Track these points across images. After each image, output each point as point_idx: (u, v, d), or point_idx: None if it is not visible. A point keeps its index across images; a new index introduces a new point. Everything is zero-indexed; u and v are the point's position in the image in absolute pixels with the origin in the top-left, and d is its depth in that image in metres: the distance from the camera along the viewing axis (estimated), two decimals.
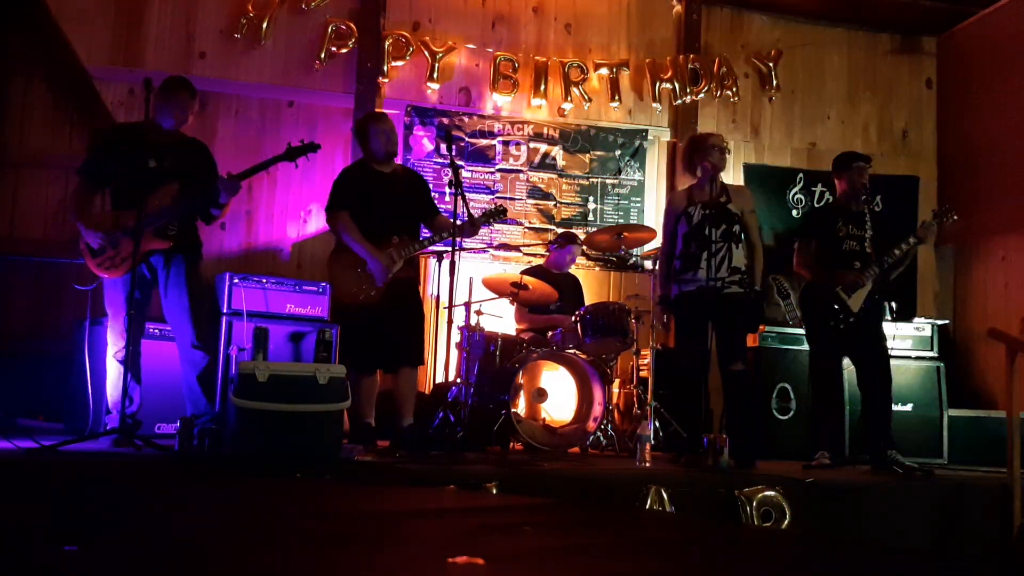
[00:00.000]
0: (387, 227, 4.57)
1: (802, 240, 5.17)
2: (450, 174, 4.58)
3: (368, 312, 4.53)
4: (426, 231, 4.85)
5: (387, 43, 6.22)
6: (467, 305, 5.27)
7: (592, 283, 6.49)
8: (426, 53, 6.27)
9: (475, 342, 5.13)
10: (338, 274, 4.63)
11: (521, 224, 6.45)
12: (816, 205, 6.80)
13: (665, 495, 3.75)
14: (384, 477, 3.78)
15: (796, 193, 6.86)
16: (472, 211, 4.73)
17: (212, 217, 4.43)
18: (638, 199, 6.69)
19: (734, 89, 6.72)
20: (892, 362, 4.96)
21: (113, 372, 4.28)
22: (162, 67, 5.84)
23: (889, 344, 5.06)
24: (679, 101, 6.66)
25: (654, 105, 6.67)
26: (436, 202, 5.10)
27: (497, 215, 4.85)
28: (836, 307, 4.86)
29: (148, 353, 4.56)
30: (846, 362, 5.05)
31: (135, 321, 4.28)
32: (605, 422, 5.16)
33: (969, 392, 6.36)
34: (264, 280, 5.22)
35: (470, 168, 6.37)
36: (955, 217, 5.03)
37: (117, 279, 4.23)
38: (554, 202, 6.55)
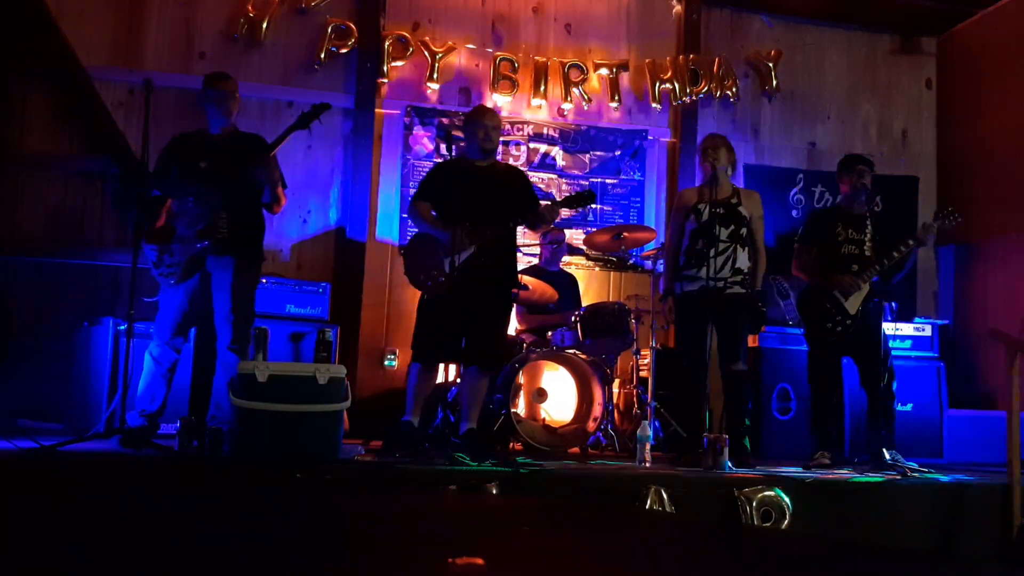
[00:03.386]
0: (466, 218, 4.32)
1: (802, 245, 5.17)
2: None
3: (439, 303, 4.33)
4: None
5: (387, 43, 6.22)
6: None
7: (592, 283, 6.49)
8: (426, 53, 6.27)
9: None
10: (410, 262, 4.44)
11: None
12: (816, 206, 6.80)
13: (665, 495, 3.75)
14: (384, 477, 3.78)
15: (796, 193, 6.86)
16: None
17: (269, 205, 4.39)
18: (638, 199, 6.69)
19: (734, 89, 6.71)
20: (894, 363, 4.95)
21: (145, 370, 4.30)
22: (162, 67, 5.86)
23: (890, 345, 5.05)
24: (679, 101, 6.65)
25: (654, 105, 6.67)
26: None
27: (583, 201, 4.46)
28: (833, 310, 4.86)
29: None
30: (847, 361, 5.05)
31: (180, 326, 4.28)
32: (605, 422, 5.16)
33: (969, 392, 6.35)
34: (264, 280, 5.22)
35: None
36: (958, 218, 4.93)
37: (170, 289, 4.26)
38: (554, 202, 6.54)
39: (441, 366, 5.30)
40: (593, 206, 6.33)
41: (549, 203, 4.51)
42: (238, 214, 4.27)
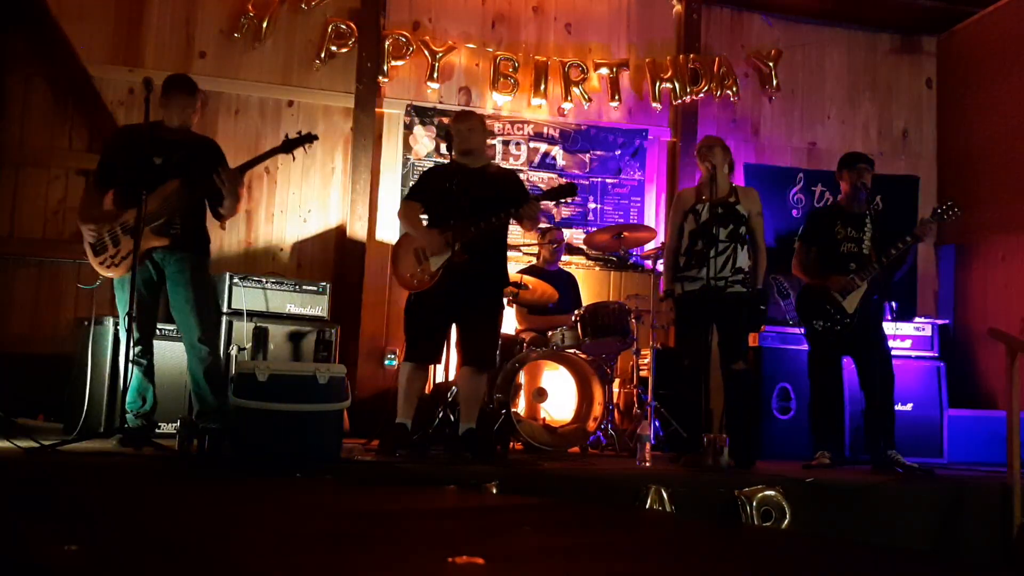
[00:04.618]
0: (452, 218, 4.35)
1: (802, 244, 5.17)
2: None
3: (425, 301, 4.37)
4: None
5: (387, 43, 6.23)
6: None
7: (592, 283, 6.49)
8: (426, 53, 6.27)
9: None
10: (397, 261, 4.50)
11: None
12: (816, 205, 6.80)
13: (665, 495, 3.75)
14: (384, 477, 3.78)
15: (796, 193, 6.86)
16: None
17: (220, 214, 4.36)
18: (638, 199, 6.69)
19: (734, 89, 6.72)
20: (893, 362, 4.95)
21: (129, 374, 4.29)
22: (162, 67, 5.85)
23: (889, 344, 5.05)
24: (679, 101, 6.66)
25: (654, 105, 6.67)
26: None
27: (564, 193, 4.40)
28: (831, 309, 4.86)
29: None
30: (847, 361, 5.05)
31: (144, 322, 4.29)
32: (605, 422, 5.16)
33: (969, 392, 6.36)
34: (264, 280, 5.23)
35: None
36: (958, 212, 4.88)
37: (124, 279, 4.20)
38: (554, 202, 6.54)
39: (441, 368, 5.30)
40: (576, 199, 6.28)
41: (531, 197, 4.51)
42: (188, 210, 4.27)
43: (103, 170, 4.38)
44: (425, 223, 4.50)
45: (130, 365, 4.19)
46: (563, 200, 4.54)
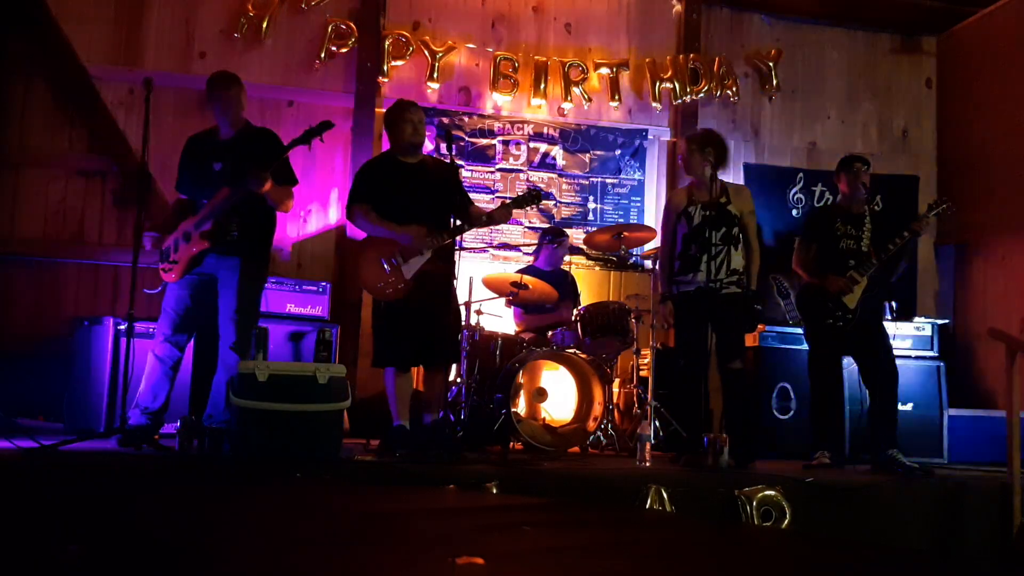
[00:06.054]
0: (412, 219, 4.33)
1: (802, 241, 5.19)
2: None
3: (401, 307, 4.33)
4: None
5: (387, 43, 6.23)
6: (467, 305, 5.27)
7: (592, 283, 6.48)
8: (426, 53, 6.27)
9: (475, 342, 5.13)
10: (365, 269, 4.39)
11: (521, 224, 6.46)
12: (816, 205, 6.80)
13: (665, 495, 3.75)
14: (384, 477, 3.78)
15: (796, 193, 6.86)
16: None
17: (275, 207, 4.41)
18: (638, 199, 6.69)
19: (734, 89, 6.71)
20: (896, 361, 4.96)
21: (148, 367, 4.32)
22: (162, 67, 5.86)
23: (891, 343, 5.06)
24: (679, 101, 6.65)
25: (654, 105, 6.67)
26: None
27: (531, 200, 4.54)
28: (832, 306, 4.88)
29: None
30: (847, 361, 5.05)
31: (185, 324, 4.33)
32: (605, 422, 5.16)
33: (969, 392, 6.35)
34: None
35: (470, 168, 6.38)
36: (952, 207, 4.92)
37: (175, 282, 4.31)
38: (554, 202, 6.55)
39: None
40: (542, 204, 6.30)
41: (500, 205, 4.55)
42: (250, 216, 4.28)
43: (180, 178, 4.50)
44: None
45: (129, 364, 4.20)
46: (531, 206, 4.61)
